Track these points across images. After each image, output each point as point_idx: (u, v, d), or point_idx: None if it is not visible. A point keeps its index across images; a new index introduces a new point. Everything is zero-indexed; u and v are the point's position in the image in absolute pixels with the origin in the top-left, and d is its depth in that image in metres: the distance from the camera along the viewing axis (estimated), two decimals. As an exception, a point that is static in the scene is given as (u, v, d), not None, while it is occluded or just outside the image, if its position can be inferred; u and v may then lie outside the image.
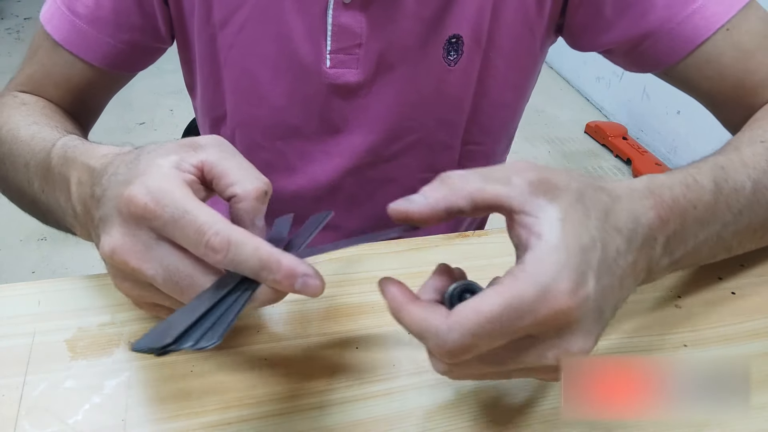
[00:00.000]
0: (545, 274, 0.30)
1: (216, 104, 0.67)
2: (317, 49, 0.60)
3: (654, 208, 0.36)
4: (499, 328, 0.29)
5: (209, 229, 0.32)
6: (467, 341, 0.30)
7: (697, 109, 0.63)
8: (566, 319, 0.30)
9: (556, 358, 0.31)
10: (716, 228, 0.41)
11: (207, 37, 0.62)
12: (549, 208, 0.31)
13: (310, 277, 0.32)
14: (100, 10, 0.61)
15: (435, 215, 0.33)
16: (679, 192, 0.38)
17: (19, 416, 0.38)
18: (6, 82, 0.66)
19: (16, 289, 0.46)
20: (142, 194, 0.33)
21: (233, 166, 0.36)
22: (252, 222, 0.35)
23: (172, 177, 0.34)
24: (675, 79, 0.60)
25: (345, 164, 0.66)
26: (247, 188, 0.35)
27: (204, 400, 0.39)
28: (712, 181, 0.41)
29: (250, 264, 0.32)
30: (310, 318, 0.45)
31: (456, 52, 0.60)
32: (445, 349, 0.30)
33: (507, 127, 0.71)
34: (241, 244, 0.32)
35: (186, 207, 0.33)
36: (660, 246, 0.37)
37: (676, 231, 0.38)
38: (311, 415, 0.38)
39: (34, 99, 0.63)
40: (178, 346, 0.29)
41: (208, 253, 0.32)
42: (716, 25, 0.55)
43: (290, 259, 0.32)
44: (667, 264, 0.39)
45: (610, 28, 0.60)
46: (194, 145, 0.37)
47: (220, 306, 0.32)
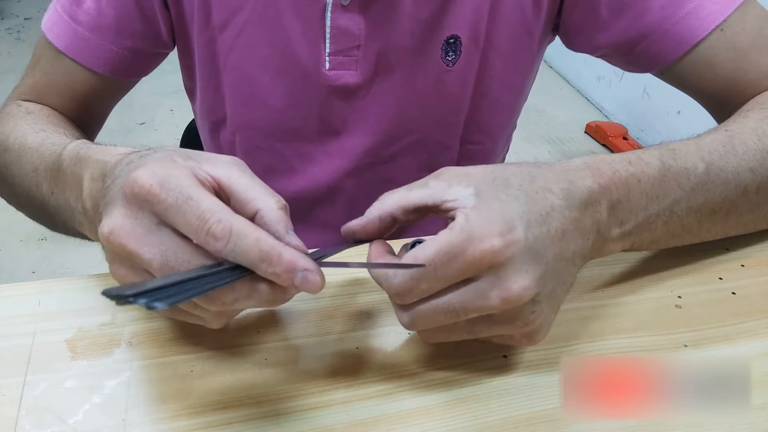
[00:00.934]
0: (472, 224, 0.34)
1: (216, 108, 0.67)
2: (316, 51, 0.60)
3: (591, 176, 0.39)
4: (433, 271, 0.34)
5: (212, 217, 0.32)
6: (408, 284, 0.35)
7: (697, 109, 0.63)
8: (495, 258, 0.33)
9: (500, 297, 0.34)
10: (667, 203, 0.43)
11: (206, 40, 0.62)
12: (465, 190, 0.36)
13: (310, 272, 0.32)
14: (102, 17, 0.61)
15: (370, 226, 0.39)
16: (619, 166, 0.41)
17: (20, 416, 0.38)
18: (6, 81, 0.67)
19: (16, 289, 0.46)
20: (148, 176, 0.34)
21: (251, 184, 0.36)
22: (286, 231, 0.35)
23: (182, 167, 0.35)
24: (671, 79, 0.61)
25: (344, 165, 0.66)
26: (269, 201, 0.36)
27: (204, 400, 0.39)
28: (658, 159, 0.43)
29: (251, 255, 0.32)
30: (310, 318, 0.45)
31: (454, 52, 0.61)
32: (392, 290, 0.35)
33: (505, 127, 0.71)
34: (243, 235, 0.32)
35: (190, 193, 0.33)
36: (605, 210, 0.39)
37: (620, 199, 0.40)
38: (311, 415, 0.38)
39: (38, 108, 0.63)
40: (135, 301, 0.29)
41: (209, 241, 0.32)
42: (712, 25, 0.55)
43: (292, 252, 0.32)
44: (619, 234, 0.41)
45: (606, 29, 0.60)
46: (213, 159, 0.37)
47: (197, 281, 0.32)
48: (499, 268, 0.34)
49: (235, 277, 0.33)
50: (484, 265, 0.34)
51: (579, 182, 0.38)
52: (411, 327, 0.37)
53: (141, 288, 0.29)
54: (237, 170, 0.37)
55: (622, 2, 0.57)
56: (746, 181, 0.46)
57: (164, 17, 0.62)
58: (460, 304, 0.35)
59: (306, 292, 0.33)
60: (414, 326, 0.37)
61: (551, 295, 0.37)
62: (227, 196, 0.36)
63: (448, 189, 0.37)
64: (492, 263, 0.33)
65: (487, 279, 0.34)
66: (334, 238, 0.73)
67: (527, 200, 0.36)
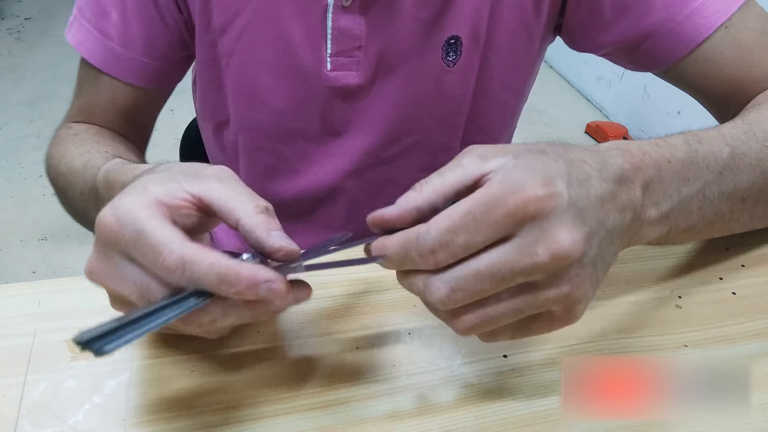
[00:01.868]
0: (513, 177, 0.32)
1: (218, 109, 0.67)
2: (317, 52, 0.60)
3: (622, 156, 0.37)
4: (472, 221, 0.31)
5: (164, 249, 0.32)
6: (445, 236, 0.32)
7: (697, 109, 0.63)
8: (540, 207, 0.31)
9: (549, 251, 0.31)
10: (698, 185, 0.42)
11: (207, 43, 0.62)
12: (503, 158, 0.34)
13: (272, 282, 0.32)
14: (129, 30, 0.62)
15: (406, 216, 0.35)
16: (648, 148, 0.40)
17: (20, 416, 0.38)
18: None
19: (16, 289, 0.47)
20: (109, 215, 0.34)
21: (231, 195, 0.36)
22: (268, 234, 0.34)
23: (146, 197, 0.35)
24: (674, 78, 0.61)
25: (346, 166, 0.66)
26: (247, 208, 0.35)
27: (204, 400, 0.39)
28: (684, 142, 0.42)
29: (209, 280, 0.32)
30: (310, 318, 0.45)
31: (455, 53, 0.61)
32: (427, 247, 0.32)
33: (506, 127, 0.71)
34: (197, 262, 0.32)
35: (143, 227, 0.33)
36: (639, 188, 0.38)
37: (653, 179, 0.39)
38: (311, 414, 0.38)
39: (85, 127, 0.65)
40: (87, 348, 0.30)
41: (165, 274, 0.33)
42: (716, 24, 0.55)
43: (249, 268, 0.32)
44: (656, 215, 0.39)
45: (609, 29, 0.60)
46: (197, 174, 0.37)
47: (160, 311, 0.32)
48: (543, 219, 0.31)
49: (201, 300, 0.33)
50: (528, 214, 0.31)
51: (611, 160, 0.37)
52: (449, 299, 0.33)
53: (95, 333, 0.30)
54: (216, 183, 0.36)
55: (626, 2, 0.57)
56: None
57: (181, 20, 0.63)
58: (506, 264, 0.32)
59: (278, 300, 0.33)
60: (453, 297, 0.33)
61: (594, 265, 0.34)
62: (211, 211, 0.36)
63: (485, 162, 0.34)
64: (536, 213, 0.31)
65: (531, 233, 0.31)
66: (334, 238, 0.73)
67: (566, 164, 0.34)
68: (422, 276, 0.34)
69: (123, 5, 0.61)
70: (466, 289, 0.32)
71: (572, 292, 0.33)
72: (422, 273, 0.34)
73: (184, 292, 0.33)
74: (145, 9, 0.61)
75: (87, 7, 0.63)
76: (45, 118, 2.54)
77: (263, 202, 0.36)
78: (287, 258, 0.35)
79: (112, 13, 0.62)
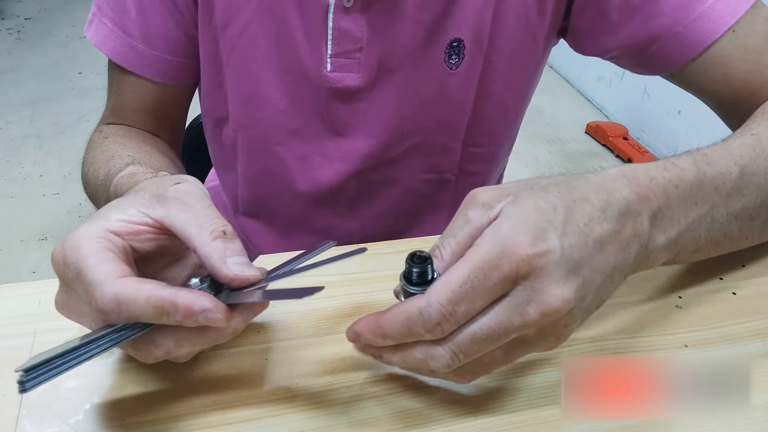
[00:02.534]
0: (503, 236, 0.33)
1: (219, 105, 0.67)
2: (318, 52, 0.60)
3: (628, 186, 0.37)
4: (471, 289, 0.32)
5: (96, 291, 0.32)
6: (447, 308, 0.32)
7: (697, 108, 0.63)
8: (530, 268, 0.32)
9: (539, 311, 0.32)
10: (706, 208, 0.42)
11: (209, 38, 0.62)
12: (506, 200, 0.35)
13: (209, 311, 0.32)
14: (149, 27, 0.62)
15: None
16: (655, 173, 0.40)
17: (20, 416, 0.38)
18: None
19: (16, 288, 0.46)
20: (58, 252, 0.35)
21: (187, 220, 0.36)
22: (222, 262, 0.34)
23: (96, 231, 0.35)
24: (681, 81, 0.60)
25: (346, 168, 0.66)
26: (203, 236, 0.35)
27: (204, 400, 0.39)
28: (693, 164, 0.42)
29: (147, 314, 0.32)
30: (310, 318, 0.45)
31: (457, 55, 0.60)
32: (432, 321, 0.33)
33: (509, 130, 0.71)
34: (131, 300, 0.32)
35: (81, 265, 0.33)
36: (646, 220, 0.38)
37: (660, 207, 0.39)
38: (312, 415, 0.38)
39: (115, 129, 0.66)
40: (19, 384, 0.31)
41: (101, 316, 0.33)
42: (723, 27, 0.55)
43: (185, 297, 0.32)
44: (665, 242, 0.40)
45: (616, 32, 0.59)
46: (161, 196, 0.37)
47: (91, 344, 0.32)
48: (534, 278, 0.32)
49: (139, 330, 0.33)
50: (521, 275, 0.32)
51: (617, 193, 0.36)
52: (453, 363, 0.34)
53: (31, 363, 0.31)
54: (176, 205, 0.36)
55: (632, 5, 0.57)
56: None
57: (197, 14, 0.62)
58: (500, 326, 0.33)
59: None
60: (456, 360, 0.34)
61: (586, 309, 0.35)
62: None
63: (490, 209, 0.35)
64: (528, 273, 0.32)
65: (522, 293, 0.33)
66: (334, 239, 0.72)
67: (565, 209, 0.34)
68: (422, 347, 0.34)
69: (140, 1, 0.61)
70: (466, 352, 0.34)
71: (559, 341, 0.35)
72: (421, 345, 0.34)
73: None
74: (162, 3, 0.61)
75: (106, 3, 0.63)
76: (45, 118, 2.54)
77: (222, 225, 0.36)
78: (242, 285, 0.34)
79: (131, 9, 0.62)
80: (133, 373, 0.40)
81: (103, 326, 0.34)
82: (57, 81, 2.85)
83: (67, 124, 2.49)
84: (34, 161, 2.28)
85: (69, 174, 2.18)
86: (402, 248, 0.52)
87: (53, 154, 2.32)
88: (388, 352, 0.36)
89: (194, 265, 0.41)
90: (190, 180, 0.40)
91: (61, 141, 2.39)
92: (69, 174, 2.18)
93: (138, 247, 0.36)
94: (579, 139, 2.51)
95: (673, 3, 0.56)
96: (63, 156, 2.31)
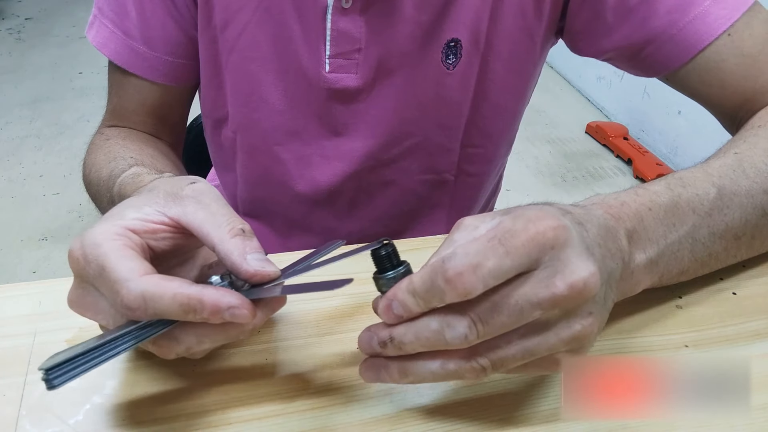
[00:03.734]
0: (524, 213, 0.33)
1: (218, 106, 0.67)
2: (316, 53, 0.60)
3: (602, 208, 0.39)
4: (498, 245, 0.31)
5: (122, 288, 0.32)
6: (472, 260, 0.31)
7: (698, 109, 0.63)
8: (555, 237, 0.32)
9: (566, 283, 0.31)
10: (686, 229, 0.42)
11: (208, 39, 0.62)
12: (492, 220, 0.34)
13: (236, 308, 0.32)
14: (148, 29, 0.62)
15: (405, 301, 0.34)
16: (626, 198, 0.41)
17: (20, 416, 0.38)
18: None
19: (16, 289, 0.47)
20: (77, 249, 0.34)
21: (206, 218, 0.36)
22: (243, 258, 0.34)
23: (115, 229, 0.35)
24: (677, 85, 0.60)
25: (345, 168, 0.66)
26: (221, 233, 0.35)
27: (205, 400, 0.39)
28: (666, 188, 0.43)
29: (173, 311, 0.32)
30: (311, 318, 0.45)
31: (455, 56, 0.60)
32: (455, 269, 0.31)
33: (507, 130, 0.71)
34: (158, 297, 0.32)
35: (104, 262, 0.33)
36: (624, 238, 0.38)
37: (635, 227, 0.40)
38: (312, 415, 0.38)
39: (117, 131, 0.66)
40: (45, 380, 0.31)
41: (127, 312, 0.33)
42: (719, 30, 0.54)
43: (212, 294, 0.32)
44: (645, 262, 0.40)
45: (611, 33, 0.59)
46: (176, 195, 0.37)
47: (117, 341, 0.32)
48: (560, 249, 0.32)
49: (162, 327, 0.33)
50: (547, 242, 0.31)
51: (593, 211, 0.38)
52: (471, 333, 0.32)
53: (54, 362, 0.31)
54: (193, 204, 0.36)
55: (628, 7, 0.57)
56: (763, 203, 0.46)
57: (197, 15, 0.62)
58: (524, 297, 0.31)
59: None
60: (474, 330, 0.32)
61: (603, 304, 0.34)
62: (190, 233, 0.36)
63: (476, 230, 0.34)
64: (554, 242, 0.32)
65: (549, 265, 0.32)
66: (333, 239, 0.72)
67: (558, 209, 0.35)
68: (439, 315, 0.33)
69: (140, 2, 0.61)
70: (485, 321, 0.32)
71: (582, 333, 0.33)
72: (437, 314, 0.33)
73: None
74: (162, 4, 0.61)
75: (107, 4, 0.63)
76: (45, 118, 2.54)
77: (240, 223, 0.36)
78: (263, 281, 0.34)
79: (131, 11, 0.62)
80: (133, 374, 0.40)
81: (124, 324, 0.34)
82: (57, 81, 2.85)
83: (67, 124, 2.49)
84: (34, 161, 2.28)
85: (69, 174, 2.18)
86: (402, 248, 0.52)
87: (53, 154, 2.32)
88: (400, 328, 0.33)
89: (201, 265, 0.41)
90: (203, 181, 0.40)
91: (62, 141, 2.39)
92: (69, 174, 2.18)
93: (154, 245, 0.36)
94: (579, 139, 2.51)
95: (669, 5, 0.55)
96: (63, 156, 2.31)
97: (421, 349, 0.33)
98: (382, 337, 0.34)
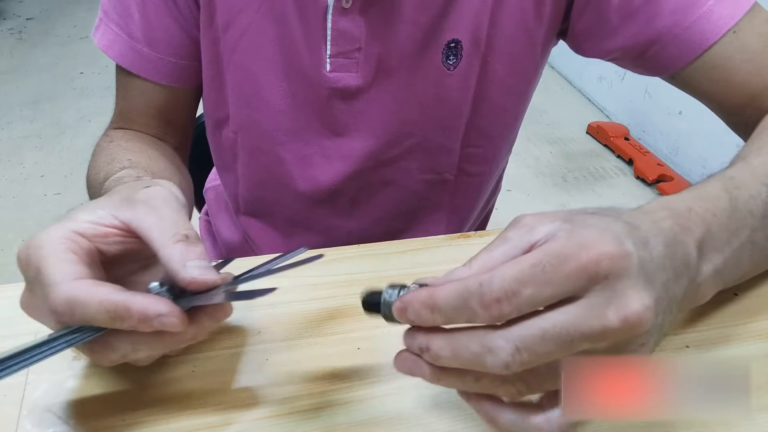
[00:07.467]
0: (581, 234, 0.30)
1: (219, 106, 0.67)
2: (317, 53, 0.60)
3: (670, 218, 0.36)
4: (542, 273, 0.29)
5: (51, 292, 0.32)
6: (512, 286, 0.29)
7: (698, 109, 0.63)
8: (611, 266, 0.29)
9: (619, 316, 0.29)
10: (747, 233, 0.41)
11: (210, 40, 0.62)
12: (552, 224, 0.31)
13: (164, 316, 0.32)
14: (152, 30, 0.62)
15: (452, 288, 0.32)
16: (692, 203, 0.38)
17: (21, 416, 0.38)
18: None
19: (16, 289, 0.46)
20: (22, 250, 0.35)
21: (153, 223, 0.36)
22: (182, 265, 0.34)
23: (61, 232, 0.35)
24: (683, 84, 0.60)
25: (345, 168, 0.66)
26: (165, 238, 0.35)
27: (204, 400, 0.39)
28: (724, 191, 0.41)
29: (100, 318, 0.32)
30: (311, 319, 0.45)
31: (455, 56, 0.60)
32: (492, 295, 0.29)
33: (507, 131, 0.71)
34: (84, 303, 0.32)
35: (40, 266, 0.33)
36: (694, 250, 0.36)
37: (704, 236, 0.37)
38: (312, 415, 0.38)
39: (121, 134, 0.66)
40: None
41: (57, 317, 0.33)
42: (723, 29, 0.55)
43: (140, 302, 0.32)
44: (712, 273, 0.38)
45: (616, 34, 0.59)
46: (130, 198, 0.37)
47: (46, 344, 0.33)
48: (615, 279, 0.29)
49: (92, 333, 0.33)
50: (601, 272, 0.29)
51: (661, 223, 0.35)
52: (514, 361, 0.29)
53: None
54: (143, 208, 0.36)
55: (632, 8, 0.57)
56: None
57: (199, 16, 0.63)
58: (574, 326, 0.29)
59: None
60: (518, 358, 0.29)
61: (659, 329, 0.32)
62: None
63: (532, 232, 0.32)
64: (609, 272, 0.29)
65: (601, 294, 0.29)
66: (333, 239, 0.73)
67: (625, 225, 0.32)
68: (480, 337, 0.30)
69: (143, 5, 0.61)
70: (532, 350, 0.29)
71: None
72: (478, 334, 0.30)
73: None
74: (165, 7, 0.61)
75: (112, 7, 0.63)
76: (46, 118, 2.54)
77: (185, 229, 0.36)
78: (201, 288, 0.34)
79: (135, 13, 0.62)
80: (133, 374, 0.40)
81: (60, 328, 0.34)
82: (58, 81, 2.85)
83: (68, 124, 2.49)
84: (35, 161, 2.28)
85: (70, 174, 2.18)
86: (402, 248, 0.52)
87: (54, 154, 2.32)
88: (439, 341, 0.31)
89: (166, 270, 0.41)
90: (163, 184, 0.39)
91: (63, 141, 2.39)
92: (70, 174, 2.18)
93: (105, 249, 0.36)
94: (580, 139, 2.51)
95: (673, 5, 0.55)
96: (64, 156, 2.31)
97: (456, 366, 0.31)
98: (420, 343, 0.32)
